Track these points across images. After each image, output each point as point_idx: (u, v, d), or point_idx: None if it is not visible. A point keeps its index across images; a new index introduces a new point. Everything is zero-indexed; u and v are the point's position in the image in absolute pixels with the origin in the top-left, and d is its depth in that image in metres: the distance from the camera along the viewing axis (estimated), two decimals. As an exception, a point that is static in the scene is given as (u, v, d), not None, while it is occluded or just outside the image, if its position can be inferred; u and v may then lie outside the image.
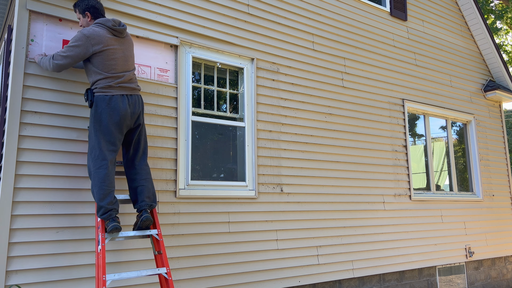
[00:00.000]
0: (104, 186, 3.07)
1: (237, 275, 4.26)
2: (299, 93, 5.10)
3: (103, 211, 3.07)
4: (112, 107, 3.14)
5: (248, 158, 4.57)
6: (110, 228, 3.03)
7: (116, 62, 3.22)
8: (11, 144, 3.23)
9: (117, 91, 3.19)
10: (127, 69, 3.30)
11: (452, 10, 7.65)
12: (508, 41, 19.13)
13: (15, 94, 3.29)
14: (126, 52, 3.32)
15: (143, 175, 3.36)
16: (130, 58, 3.35)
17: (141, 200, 3.30)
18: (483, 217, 7.12)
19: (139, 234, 3.26)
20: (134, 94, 3.30)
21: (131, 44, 3.44)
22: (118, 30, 3.28)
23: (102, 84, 3.16)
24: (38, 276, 3.22)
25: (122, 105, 3.17)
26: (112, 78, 3.18)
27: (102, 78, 3.17)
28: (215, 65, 4.64)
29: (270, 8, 5.02)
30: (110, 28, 3.25)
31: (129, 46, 3.39)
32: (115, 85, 3.18)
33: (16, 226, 3.18)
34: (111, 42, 3.22)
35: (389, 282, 5.63)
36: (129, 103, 3.23)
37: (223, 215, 4.27)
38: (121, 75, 3.22)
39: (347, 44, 5.75)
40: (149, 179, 3.38)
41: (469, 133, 7.50)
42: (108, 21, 3.26)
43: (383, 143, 5.88)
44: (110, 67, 3.19)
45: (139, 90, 3.40)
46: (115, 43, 3.25)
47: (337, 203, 5.20)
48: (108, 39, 3.21)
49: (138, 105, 3.31)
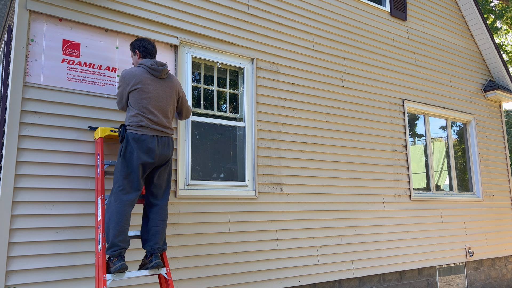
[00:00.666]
0: (121, 222, 3.02)
1: (237, 275, 4.26)
2: (299, 93, 5.10)
3: (115, 249, 2.99)
4: (140, 146, 3.14)
5: (248, 158, 4.57)
6: (118, 267, 2.94)
7: (149, 101, 3.22)
8: (11, 144, 3.23)
9: (148, 131, 3.18)
10: (161, 110, 3.27)
11: (452, 10, 7.65)
12: (508, 41, 19.13)
13: (15, 94, 3.29)
14: (162, 94, 3.30)
15: (161, 216, 3.30)
16: (166, 100, 3.32)
17: (154, 243, 3.22)
18: (483, 217, 7.12)
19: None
20: (164, 136, 3.29)
21: (173, 86, 3.41)
22: (156, 69, 3.28)
23: (134, 122, 3.18)
24: (38, 276, 3.22)
25: (151, 146, 3.16)
26: (143, 117, 3.18)
27: (134, 115, 3.19)
28: (215, 65, 4.64)
29: (270, 8, 5.02)
30: (149, 68, 3.28)
31: (168, 88, 3.36)
32: (146, 125, 3.18)
33: (16, 226, 3.18)
34: (146, 81, 3.24)
35: (389, 282, 5.63)
36: (158, 144, 3.22)
37: (223, 215, 4.27)
38: (153, 115, 3.22)
39: (347, 44, 5.75)
40: (165, 221, 3.32)
41: (469, 133, 7.50)
42: (148, 60, 3.31)
43: (383, 143, 5.88)
44: (142, 105, 3.20)
45: (171, 135, 3.37)
46: (151, 82, 3.26)
47: (337, 203, 5.20)
48: (144, 78, 3.24)
49: (167, 147, 3.29)
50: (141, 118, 3.18)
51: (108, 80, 3.79)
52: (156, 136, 3.23)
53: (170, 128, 3.36)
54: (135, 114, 3.19)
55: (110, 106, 3.74)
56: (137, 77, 3.22)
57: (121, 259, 2.99)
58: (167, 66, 3.38)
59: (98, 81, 3.73)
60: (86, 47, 3.72)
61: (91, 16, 3.73)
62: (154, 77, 3.30)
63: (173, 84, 3.43)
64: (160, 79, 3.33)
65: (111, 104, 3.75)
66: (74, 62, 3.63)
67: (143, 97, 3.20)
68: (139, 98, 3.20)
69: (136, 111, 3.19)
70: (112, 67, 3.83)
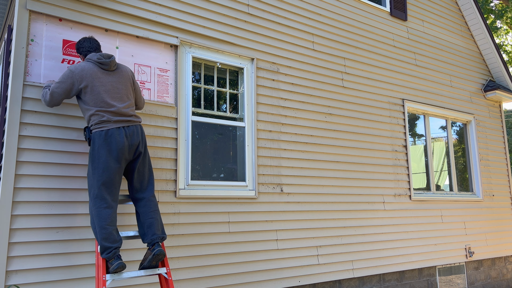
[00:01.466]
0: (105, 225, 2.97)
1: (237, 275, 4.26)
2: (299, 93, 5.10)
3: (108, 251, 2.96)
4: (108, 141, 3.05)
5: (248, 158, 4.57)
6: (115, 266, 2.92)
7: (106, 95, 3.13)
8: (11, 144, 3.23)
9: (113, 124, 3.10)
10: (120, 101, 3.19)
11: (452, 10, 7.65)
12: (508, 41, 19.13)
13: (15, 93, 3.29)
14: (116, 84, 3.22)
15: (151, 207, 3.25)
16: (122, 90, 3.25)
17: (152, 234, 3.18)
18: (483, 217, 7.12)
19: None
20: (131, 125, 3.20)
21: (125, 75, 3.33)
22: (104, 62, 3.19)
23: (96, 120, 3.09)
24: (38, 276, 3.22)
25: (119, 138, 3.08)
26: (104, 112, 3.10)
27: (93, 114, 3.09)
28: (215, 65, 4.64)
29: (270, 8, 5.02)
30: (96, 62, 3.18)
31: (121, 78, 3.28)
32: (109, 119, 3.09)
33: (16, 226, 3.18)
34: (97, 75, 3.15)
35: (389, 282, 5.63)
36: (126, 135, 3.13)
37: (223, 215, 4.27)
38: (113, 107, 3.13)
39: (347, 44, 5.75)
40: (157, 211, 3.28)
41: (469, 133, 7.50)
42: (94, 55, 3.21)
43: (383, 143, 5.88)
44: (99, 99, 3.11)
45: (139, 122, 3.29)
46: (103, 76, 3.17)
47: (337, 203, 5.20)
48: (94, 72, 3.14)
49: (136, 135, 3.20)
50: (101, 113, 3.09)
51: (108, 80, 3.79)
52: (123, 127, 3.14)
53: (135, 116, 3.27)
54: (95, 111, 3.09)
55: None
56: (87, 72, 3.11)
57: (117, 258, 2.98)
58: (114, 57, 3.28)
59: (98, 81, 3.73)
60: (86, 47, 3.72)
61: (91, 16, 3.73)
62: (104, 70, 3.20)
63: (126, 73, 3.34)
64: (110, 71, 3.24)
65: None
66: (74, 62, 3.63)
67: (98, 91, 3.11)
68: (94, 94, 3.10)
69: (94, 109, 3.09)
70: (112, 67, 3.82)
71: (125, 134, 3.13)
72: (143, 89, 3.98)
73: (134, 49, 3.98)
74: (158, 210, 3.30)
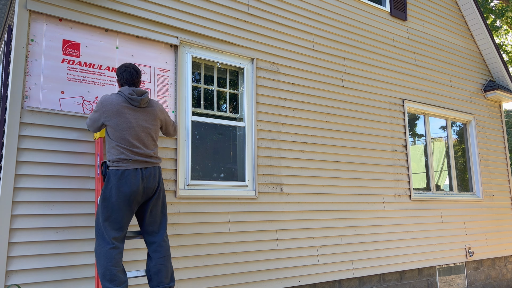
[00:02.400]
0: (110, 266, 2.88)
1: (237, 275, 4.26)
2: (299, 93, 5.10)
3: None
4: (123, 182, 2.98)
5: (248, 158, 4.57)
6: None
7: (129, 132, 3.06)
8: (11, 144, 3.23)
9: (130, 164, 3.03)
10: (142, 140, 3.13)
11: (452, 10, 7.65)
12: (508, 41, 19.13)
13: (15, 93, 3.29)
14: (142, 123, 3.15)
15: (161, 252, 3.13)
16: (147, 129, 3.17)
17: (158, 281, 3.07)
18: (483, 217, 7.12)
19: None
20: (149, 167, 3.12)
21: (154, 113, 3.26)
22: (134, 99, 3.12)
23: (115, 156, 3.03)
24: (38, 276, 3.22)
25: (134, 181, 3.00)
26: (124, 149, 3.04)
27: (113, 147, 3.05)
28: (215, 65, 4.64)
29: (270, 8, 5.02)
30: (127, 97, 3.12)
31: (149, 116, 3.21)
32: (128, 158, 3.03)
33: (16, 226, 3.18)
34: (124, 111, 3.09)
35: (389, 282, 5.63)
36: (142, 177, 3.05)
37: (223, 215, 4.27)
38: (135, 146, 3.07)
39: (347, 44, 5.75)
40: (168, 257, 3.15)
41: (469, 133, 7.50)
42: (127, 89, 3.14)
43: (383, 143, 5.88)
44: (121, 136, 3.05)
45: (158, 163, 3.21)
46: (130, 112, 3.11)
47: (337, 203, 5.20)
48: (122, 107, 3.08)
49: (153, 178, 3.12)
50: (121, 150, 3.03)
51: (108, 80, 3.79)
52: (140, 168, 3.06)
53: (155, 157, 3.19)
54: (115, 146, 3.04)
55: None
56: (114, 106, 3.07)
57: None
58: (147, 94, 3.22)
59: (98, 81, 3.73)
60: (86, 47, 3.72)
61: (91, 16, 3.73)
62: (133, 106, 3.14)
63: (154, 111, 3.27)
64: (139, 108, 3.18)
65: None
66: (74, 62, 3.64)
67: (122, 128, 3.05)
68: (118, 130, 3.05)
69: (115, 143, 3.05)
70: (112, 67, 3.83)
71: (142, 177, 3.05)
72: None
73: (134, 49, 3.99)
74: (168, 256, 3.16)
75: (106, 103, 3.10)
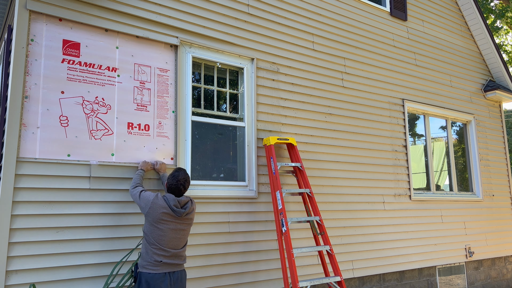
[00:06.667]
0: None
1: (237, 275, 4.26)
2: (299, 93, 5.10)
3: None
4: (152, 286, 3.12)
5: (248, 158, 4.57)
6: None
7: (164, 239, 3.20)
8: (11, 144, 3.23)
9: (161, 268, 3.18)
10: (176, 247, 3.27)
11: (452, 10, 7.65)
12: (508, 41, 19.12)
13: (15, 93, 3.29)
14: (178, 233, 3.28)
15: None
16: (183, 237, 3.32)
17: None
18: (483, 217, 7.12)
19: None
20: (177, 271, 3.28)
21: (191, 218, 3.39)
22: (177, 212, 3.25)
23: (148, 258, 3.18)
24: (38, 276, 3.22)
25: (162, 286, 3.15)
26: (158, 254, 3.17)
27: (149, 248, 3.18)
28: (215, 65, 4.64)
29: (270, 8, 5.02)
30: (171, 208, 3.23)
31: (184, 225, 3.33)
32: (160, 262, 3.17)
33: (16, 226, 3.18)
34: (166, 219, 3.22)
35: (389, 282, 5.63)
36: (170, 282, 3.21)
37: (223, 215, 4.27)
38: (168, 252, 3.20)
39: (347, 44, 5.75)
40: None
41: (469, 133, 7.50)
42: (173, 200, 3.26)
43: (383, 143, 5.88)
44: (157, 240, 3.18)
45: (184, 266, 3.38)
46: (171, 220, 3.23)
47: (337, 203, 5.20)
48: (165, 214, 3.21)
49: (180, 282, 3.28)
50: (155, 252, 3.18)
51: (108, 80, 3.79)
52: (169, 272, 3.22)
53: (183, 259, 3.35)
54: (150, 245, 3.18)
55: (110, 106, 3.73)
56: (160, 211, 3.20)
57: None
58: (190, 205, 3.34)
59: (98, 81, 3.73)
60: (86, 47, 3.72)
61: (91, 16, 3.73)
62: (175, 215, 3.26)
63: (192, 215, 3.40)
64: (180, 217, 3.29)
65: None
66: (74, 62, 3.64)
67: (159, 234, 3.19)
68: (156, 234, 3.19)
69: (151, 242, 3.18)
70: (112, 67, 3.83)
71: (170, 281, 3.20)
72: (143, 89, 3.98)
73: (134, 49, 3.98)
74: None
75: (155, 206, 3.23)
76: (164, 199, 3.27)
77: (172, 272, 3.24)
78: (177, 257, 3.27)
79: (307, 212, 4.60)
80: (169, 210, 3.23)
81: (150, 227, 3.21)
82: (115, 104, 3.81)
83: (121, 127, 3.80)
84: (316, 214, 4.38)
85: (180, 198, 3.32)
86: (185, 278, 3.35)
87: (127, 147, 3.80)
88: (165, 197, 3.29)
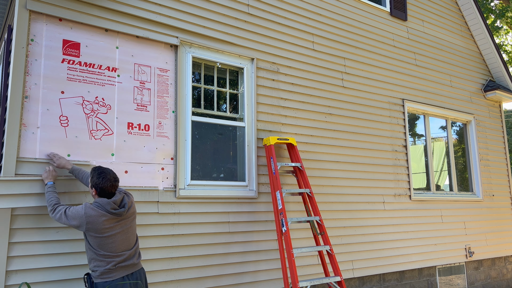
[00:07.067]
0: None
1: (237, 275, 4.26)
2: (299, 93, 5.10)
3: None
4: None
5: (248, 158, 4.57)
6: None
7: (116, 244, 2.99)
8: (11, 144, 3.23)
9: (118, 273, 2.98)
10: (128, 248, 3.07)
11: (452, 10, 7.65)
12: (508, 41, 19.12)
13: (15, 93, 3.29)
14: (127, 233, 3.08)
15: None
16: (131, 235, 3.12)
17: None
18: (483, 217, 7.12)
19: None
20: (135, 271, 3.09)
21: (133, 217, 3.17)
22: (118, 213, 3.02)
23: (101, 269, 2.94)
24: (38, 276, 3.22)
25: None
26: (111, 261, 2.96)
27: (101, 260, 2.95)
28: (215, 65, 4.64)
29: (270, 8, 5.02)
30: (109, 212, 2.98)
31: (130, 222, 3.12)
32: (115, 268, 2.96)
33: (16, 226, 3.18)
34: (111, 225, 2.97)
35: (389, 282, 5.63)
36: (130, 285, 3.02)
37: (223, 215, 4.27)
38: (121, 255, 3.00)
39: (347, 44, 5.75)
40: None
41: (469, 133, 7.50)
42: (109, 204, 2.98)
43: (383, 143, 5.88)
44: (110, 250, 2.96)
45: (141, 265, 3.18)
46: (116, 224, 3.00)
47: (337, 203, 5.20)
48: (107, 221, 2.95)
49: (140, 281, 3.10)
50: (108, 261, 2.95)
51: (108, 80, 3.79)
52: (127, 275, 3.02)
53: (138, 256, 3.15)
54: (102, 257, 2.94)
55: (110, 106, 3.73)
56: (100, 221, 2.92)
57: None
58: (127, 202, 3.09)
59: (98, 81, 3.73)
60: (86, 47, 3.72)
61: (91, 16, 3.73)
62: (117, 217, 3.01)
63: (133, 213, 3.17)
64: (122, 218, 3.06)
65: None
66: (74, 62, 3.64)
67: (108, 243, 2.96)
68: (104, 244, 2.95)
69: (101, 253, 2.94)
70: (112, 67, 3.83)
71: (130, 285, 3.01)
72: (143, 89, 3.98)
73: (134, 49, 3.99)
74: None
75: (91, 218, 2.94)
76: (96, 207, 2.96)
77: (130, 274, 3.04)
78: (131, 257, 3.07)
79: (307, 212, 4.60)
80: (110, 215, 2.97)
81: (96, 240, 2.94)
82: (115, 104, 3.81)
83: (121, 127, 3.80)
84: (316, 214, 4.38)
85: (113, 199, 3.04)
86: (144, 276, 3.17)
87: (127, 147, 3.80)
88: (97, 203, 2.98)
